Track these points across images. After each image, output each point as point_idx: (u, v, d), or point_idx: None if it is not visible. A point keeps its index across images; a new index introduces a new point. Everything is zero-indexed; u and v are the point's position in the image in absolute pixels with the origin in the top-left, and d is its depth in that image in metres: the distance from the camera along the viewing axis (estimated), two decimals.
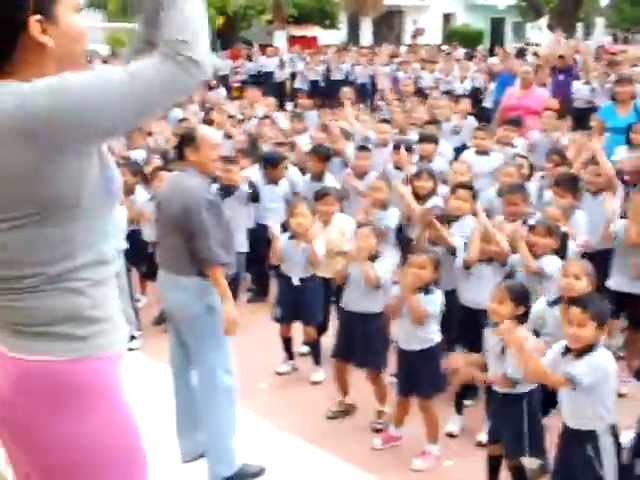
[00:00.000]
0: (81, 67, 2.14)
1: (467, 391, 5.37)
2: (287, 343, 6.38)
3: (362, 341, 5.40)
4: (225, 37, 33.41)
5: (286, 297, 6.22)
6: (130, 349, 6.40)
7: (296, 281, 6.11)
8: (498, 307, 4.40)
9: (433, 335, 5.01)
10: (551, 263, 5.25)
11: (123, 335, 2.32)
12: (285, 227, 6.54)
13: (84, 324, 2.18)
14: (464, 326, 5.39)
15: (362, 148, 8.12)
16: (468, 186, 6.26)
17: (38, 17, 2.01)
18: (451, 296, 5.43)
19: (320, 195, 6.47)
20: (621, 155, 7.77)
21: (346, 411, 5.64)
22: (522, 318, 4.43)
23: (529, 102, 10.52)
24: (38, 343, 2.15)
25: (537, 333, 4.68)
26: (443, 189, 6.92)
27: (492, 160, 8.03)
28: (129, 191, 7.13)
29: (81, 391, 2.17)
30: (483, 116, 16.66)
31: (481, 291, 5.05)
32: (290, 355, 6.42)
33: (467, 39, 37.98)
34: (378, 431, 5.35)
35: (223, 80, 21.13)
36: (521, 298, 4.44)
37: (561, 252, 5.45)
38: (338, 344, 5.59)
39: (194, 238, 4.43)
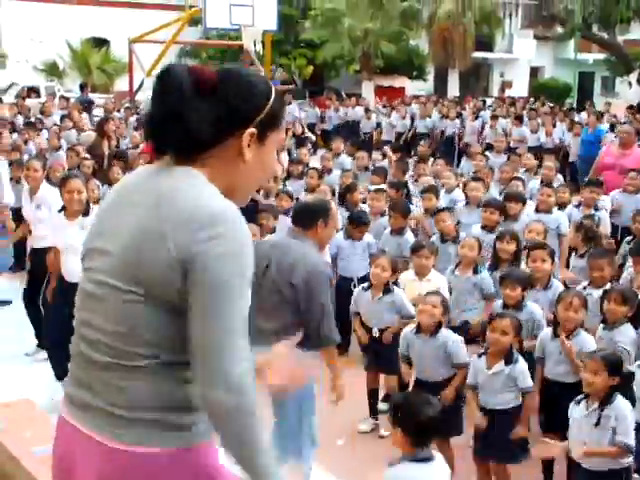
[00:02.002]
0: (245, 198, 2.28)
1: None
2: (372, 396, 6.24)
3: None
4: (313, 86, 34.02)
5: (367, 348, 6.27)
6: None
7: (376, 332, 6.15)
8: (592, 378, 4.30)
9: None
10: (625, 332, 5.12)
11: None
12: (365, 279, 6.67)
13: (191, 413, 2.11)
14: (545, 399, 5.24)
15: (442, 210, 7.94)
16: (543, 245, 6.27)
17: (254, 130, 2.15)
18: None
19: (416, 248, 6.53)
20: None
21: None
22: (617, 388, 4.30)
23: (628, 162, 10.04)
24: (140, 431, 2.05)
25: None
26: None
27: (554, 218, 8.00)
28: None
29: None
30: (569, 172, 16.68)
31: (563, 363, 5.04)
32: (374, 411, 6.25)
33: (554, 93, 37.83)
34: None
35: (310, 129, 21.52)
36: (616, 368, 4.30)
37: (637, 321, 5.27)
38: None
39: (312, 314, 4.45)
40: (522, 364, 4.93)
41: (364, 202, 8.97)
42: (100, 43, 33.40)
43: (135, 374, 2.05)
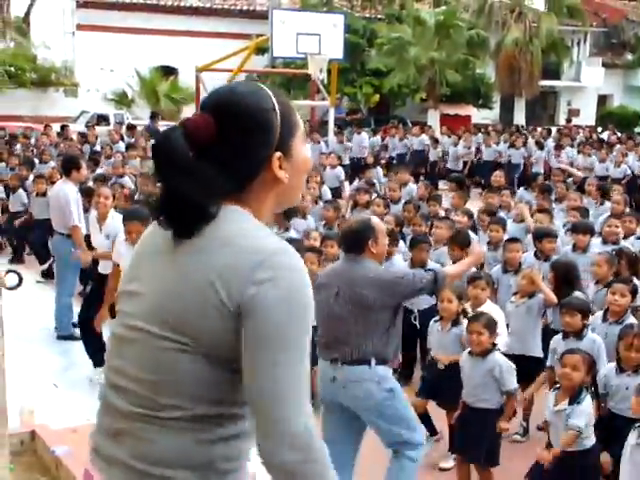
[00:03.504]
0: (298, 198, 2.19)
1: None
2: (425, 419, 6.10)
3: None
4: (379, 115, 34.08)
5: (430, 378, 6.24)
6: None
7: (441, 366, 6.08)
8: None
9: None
10: None
11: None
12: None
13: (210, 476, 1.96)
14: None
15: (513, 240, 7.87)
16: (626, 280, 6.18)
17: (279, 154, 2.01)
18: None
19: (472, 279, 6.50)
20: None
21: None
22: None
23: None
24: None
25: None
26: None
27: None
28: None
29: None
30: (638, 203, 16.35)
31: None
32: (433, 430, 6.28)
33: (623, 122, 37.26)
34: None
35: (375, 157, 21.54)
36: None
37: None
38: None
39: (403, 295, 4.82)
40: (585, 405, 4.79)
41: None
42: (168, 72, 34.01)
43: (163, 427, 1.93)
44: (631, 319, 5.93)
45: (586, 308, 5.80)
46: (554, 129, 29.09)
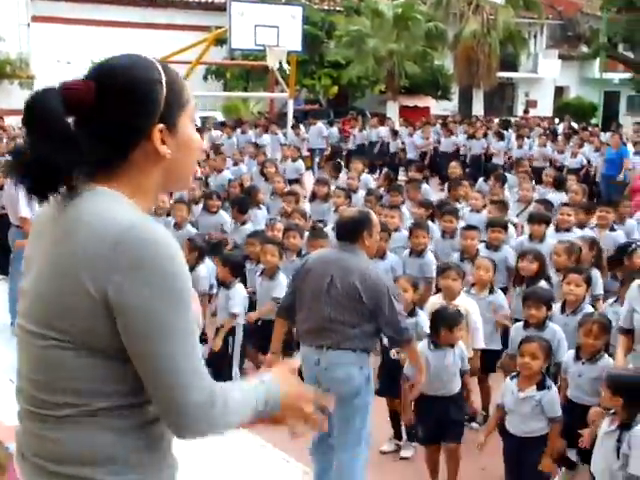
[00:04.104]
0: (189, 180, 2.12)
1: None
2: (394, 419, 6.22)
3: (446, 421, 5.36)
4: (338, 106, 34.08)
5: (386, 371, 6.19)
6: None
7: (394, 354, 5.92)
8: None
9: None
10: None
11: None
12: None
13: (118, 470, 1.89)
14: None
15: (469, 227, 7.99)
16: (581, 270, 6.26)
17: (161, 126, 1.92)
18: None
19: (441, 269, 6.46)
20: None
21: None
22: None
23: None
24: None
25: None
26: None
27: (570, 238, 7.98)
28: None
29: None
30: (595, 192, 16.59)
31: None
32: (397, 433, 6.26)
33: (579, 112, 37.69)
34: None
35: (335, 149, 21.60)
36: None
37: None
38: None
39: (384, 318, 4.74)
40: (554, 392, 4.89)
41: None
42: None
43: (63, 425, 1.87)
44: (588, 308, 6.00)
45: (551, 299, 5.84)
46: (512, 120, 29.35)
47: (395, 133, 22.89)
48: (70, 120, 1.87)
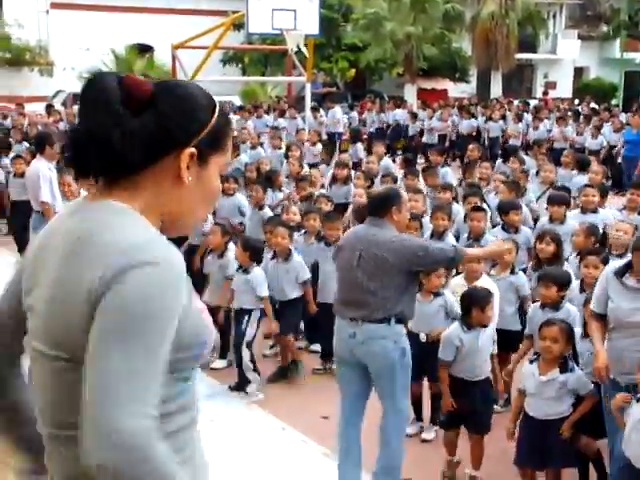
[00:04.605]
0: (190, 227, 2.05)
1: None
2: (417, 404, 6.19)
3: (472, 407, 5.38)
4: (356, 90, 34.04)
5: (413, 355, 6.20)
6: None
7: (423, 337, 6.00)
8: None
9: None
10: None
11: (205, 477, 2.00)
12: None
13: None
14: None
15: (476, 209, 7.90)
16: (598, 252, 6.23)
17: (194, 151, 1.91)
18: None
19: None
20: None
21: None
22: None
23: None
24: None
25: None
26: None
27: (600, 219, 8.00)
28: None
29: None
30: (616, 173, 16.51)
31: None
32: (419, 416, 6.27)
33: (599, 93, 37.43)
34: None
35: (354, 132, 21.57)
36: None
37: None
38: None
39: (427, 262, 4.97)
40: (579, 372, 4.90)
41: None
42: (144, 50, 33.77)
43: (76, 445, 1.73)
44: None
45: (564, 280, 5.76)
46: (532, 102, 29.19)
47: (414, 116, 22.83)
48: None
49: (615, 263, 4.83)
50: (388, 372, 4.94)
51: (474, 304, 5.33)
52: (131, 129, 1.83)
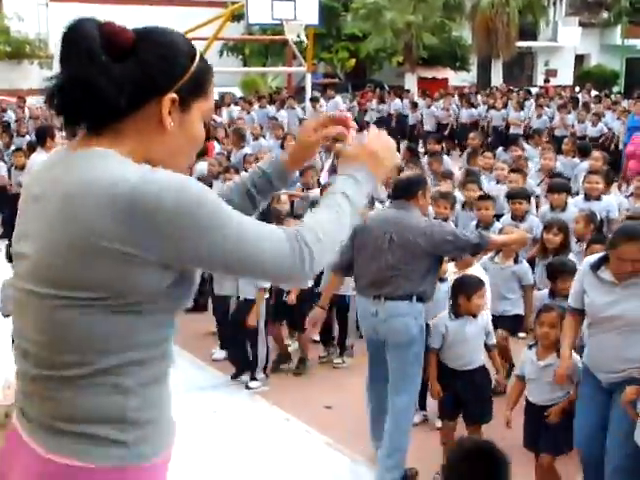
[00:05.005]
0: (178, 165, 2.04)
1: None
2: (420, 393, 5.95)
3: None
4: (356, 79, 34.00)
5: None
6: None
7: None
8: None
9: None
10: None
11: (171, 439, 2.08)
12: None
13: (127, 428, 1.92)
14: None
15: (484, 197, 7.90)
16: (603, 240, 6.21)
17: (175, 97, 1.93)
18: None
19: None
20: None
21: None
22: None
23: None
24: (75, 444, 1.90)
25: None
26: None
27: (604, 206, 8.01)
28: None
29: None
30: (617, 160, 16.48)
31: None
32: (422, 404, 6.16)
33: (601, 80, 37.35)
34: None
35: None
36: None
37: None
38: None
39: (452, 248, 5.12)
40: (576, 358, 4.85)
41: None
42: None
43: (71, 385, 1.89)
44: None
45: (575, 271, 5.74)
46: (533, 90, 29.12)
47: (415, 105, 22.81)
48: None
49: (592, 257, 4.73)
50: (406, 345, 5.06)
51: (461, 292, 5.31)
52: (112, 75, 1.85)
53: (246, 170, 11.23)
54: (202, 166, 11.24)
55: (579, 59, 44.75)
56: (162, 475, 2.04)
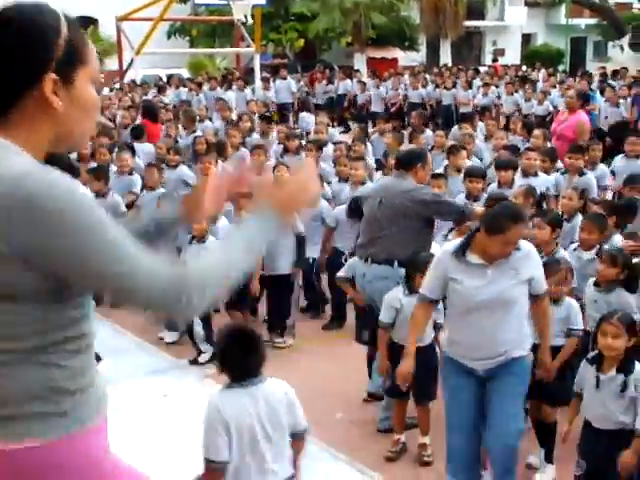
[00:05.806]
0: (83, 140, 2.05)
1: None
2: (371, 365, 6.03)
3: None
4: (305, 60, 33.87)
5: (369, 321, 5.91)
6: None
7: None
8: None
9: None
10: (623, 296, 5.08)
11: (105, 400, 2.11)
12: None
13: (61, 399, 1.95)
14: None
15: (436, 176, 7.66)
16: (542, 213, 6.27)
17: (54, 77, 1.85)
18: None
19: None
20: None
21: (403, 451, 5.39)
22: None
23: (565, 129, 10.46)
24: (17, 426, 1.92)
25: None
26: None
27: (541, 182, 8.10)
28: None
29: (67, 473, 1.96)
30: None
31: None
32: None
33: (547, 59, 37.71)
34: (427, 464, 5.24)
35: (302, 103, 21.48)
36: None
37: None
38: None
39: (442, 211, 5.72)
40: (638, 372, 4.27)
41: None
42: (88, 23, 33.18)
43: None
44: (561, 253, 5.84)
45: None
46: (481, 69, 29.29)
47: (363, 85, 22.79)
48: None
49: (447, 245, 4.69)
50: None
51: (417, 269, 5.18)
52: None
53: (196, 153, 11.15)
54: (149, 148, 11.13)
55: (526, 38, 45.13)
56: (105, 437, 2.08)
